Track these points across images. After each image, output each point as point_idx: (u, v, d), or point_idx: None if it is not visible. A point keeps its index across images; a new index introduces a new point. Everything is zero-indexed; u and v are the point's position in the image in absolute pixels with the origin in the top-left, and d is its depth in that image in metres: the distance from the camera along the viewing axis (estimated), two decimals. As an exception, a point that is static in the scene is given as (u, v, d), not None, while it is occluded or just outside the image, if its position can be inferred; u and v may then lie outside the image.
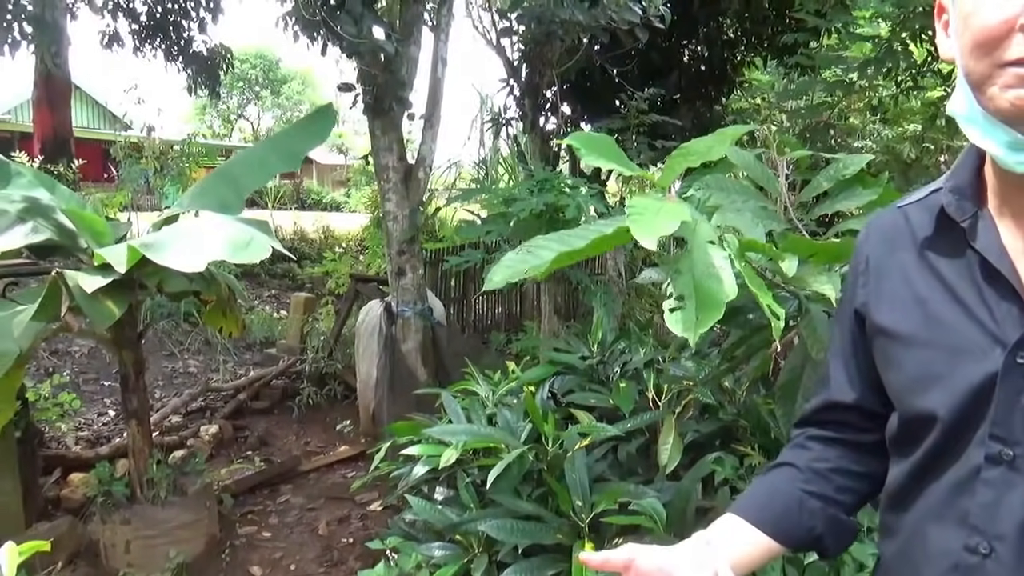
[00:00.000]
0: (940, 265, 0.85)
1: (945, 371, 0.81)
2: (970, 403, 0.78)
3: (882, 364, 0.92)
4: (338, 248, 10.88)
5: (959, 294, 0.82)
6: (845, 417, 1.01)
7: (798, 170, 2.37)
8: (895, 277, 0.90)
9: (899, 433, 0.90)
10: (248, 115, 34.02)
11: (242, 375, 6.26)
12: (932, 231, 0.86)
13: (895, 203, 0.97)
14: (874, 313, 0.92)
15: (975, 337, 0.79)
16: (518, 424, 2.46)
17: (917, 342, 0.85)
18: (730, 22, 6.74)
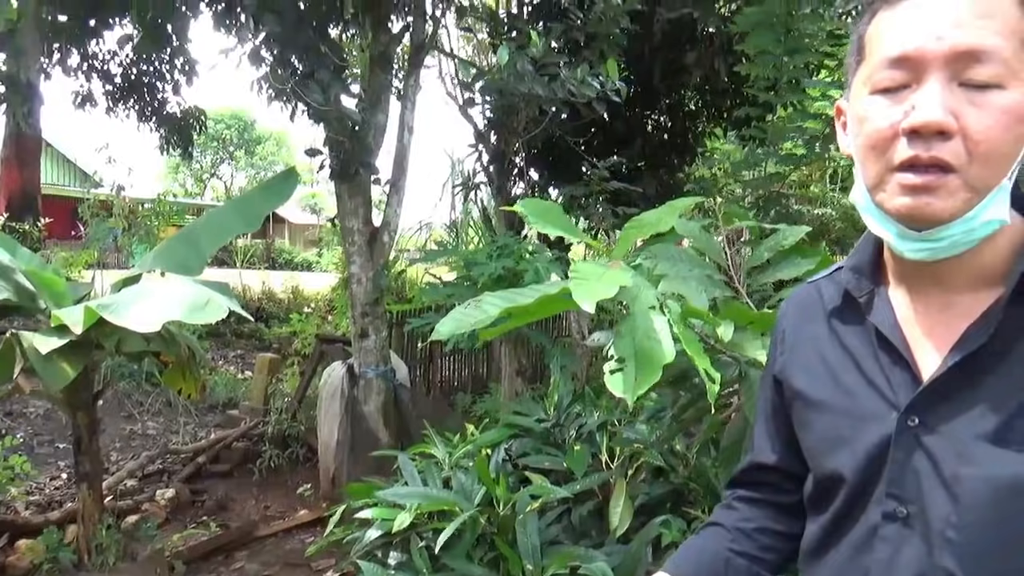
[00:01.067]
0: (845, 335, 0.92)
1: (850, 434, 0.87)
2: (870, 464, 0.84)
3: (798, 427, 0.98)
4: (306, 308, 10.84)
5: (861, 363, 0.89)
6: (768, 478, 1.07)
7: (750, 240, 2.47)
8: (808, 346, 0.97)
9: (813, 493, 0.96)
10: (221, 174, 34.14)
11: (203, 437, 6.17)
12: (838, 304, 0.94)
13: (809, 279, 1.05)
14: (791, 379, 0.99)
15: (874, 402, 0.85)
16: (473, 487, 2.46)
17: (826, 407, 0.92)
18: (691, 94, 7.03)
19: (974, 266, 0.80)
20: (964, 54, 0.72)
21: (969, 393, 0.77)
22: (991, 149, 0.72)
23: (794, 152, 4.68)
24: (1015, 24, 0.73)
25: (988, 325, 0.77)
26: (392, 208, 4.59)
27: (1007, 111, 0.72)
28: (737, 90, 6.56)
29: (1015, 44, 0.72)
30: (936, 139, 0.73)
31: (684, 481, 2.37)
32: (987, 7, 0.73)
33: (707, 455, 2.40)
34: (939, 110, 0.72)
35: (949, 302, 0.82)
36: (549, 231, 1.71)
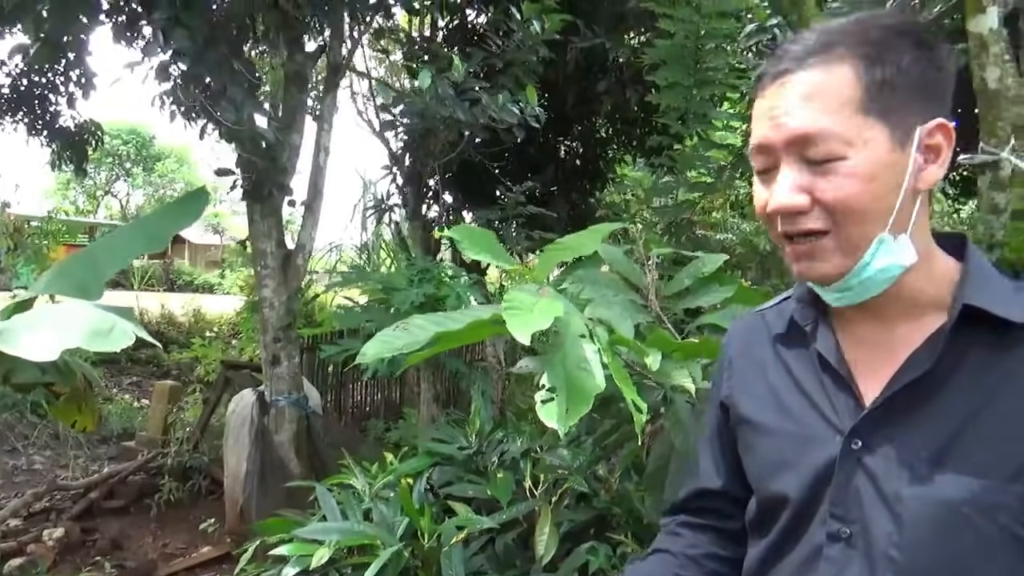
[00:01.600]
0: (790, 362, 0.96)
1: (794, 457, 0.90)
2: (814, 486, 0.87)
3: (743, 451, 1.01)
4: (209, 333, 10.42)
5: (805, 388, 0.92)
6: (714, 504, 1.09)
7: (664, 265, 2.52)
8: (754, 372, 1.00)
9: (756, 515, 0.97)
10: (117, 192, 32.50)
11: (95, 471, 5.79)
12: (783, 331, 0.98)
13: (754, 309, 1.09)
14: (737, 404, 1.02)
15: (819, 426, 0.88)
16: (395, 519, 2.40)
17: (771, 430, 0.94)
18: (602, 122, 7.20)
19: (909, 299, 0.85)
20: (798, 138, 0.80)
21: (911, 417, 0.81)
22: (848, 211, 0.79)
23: (702, 180, 4.86)
24: (847, 94, 0.78)
25: (931, 353, 0.81)
26: (307, 230, 4.47)
27: (851, 175, 0.78)
28: (646, 119, 6.77)
29: (847, 114, 0.78)
30: (797, 215, 0.81)
31: (607, 506, 2.39)
32: (813, 89, 0.79)
33: (629, 480, 2.42)
34: (785, 196, 0.81)
35: (889, 330, 0.87)
36: (482, 258, 1.70)
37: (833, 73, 0.79)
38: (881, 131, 0.78)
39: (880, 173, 0.78)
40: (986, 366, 0.79)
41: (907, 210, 0.80)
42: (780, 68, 0.82)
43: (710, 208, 8.17)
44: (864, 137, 0.78)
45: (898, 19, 0.83)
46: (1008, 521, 0.74)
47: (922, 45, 0.80)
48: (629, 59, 6.21)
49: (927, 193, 0.83)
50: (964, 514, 0.75)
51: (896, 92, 0.79)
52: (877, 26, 0.81)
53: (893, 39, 0.80)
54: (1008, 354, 0.78)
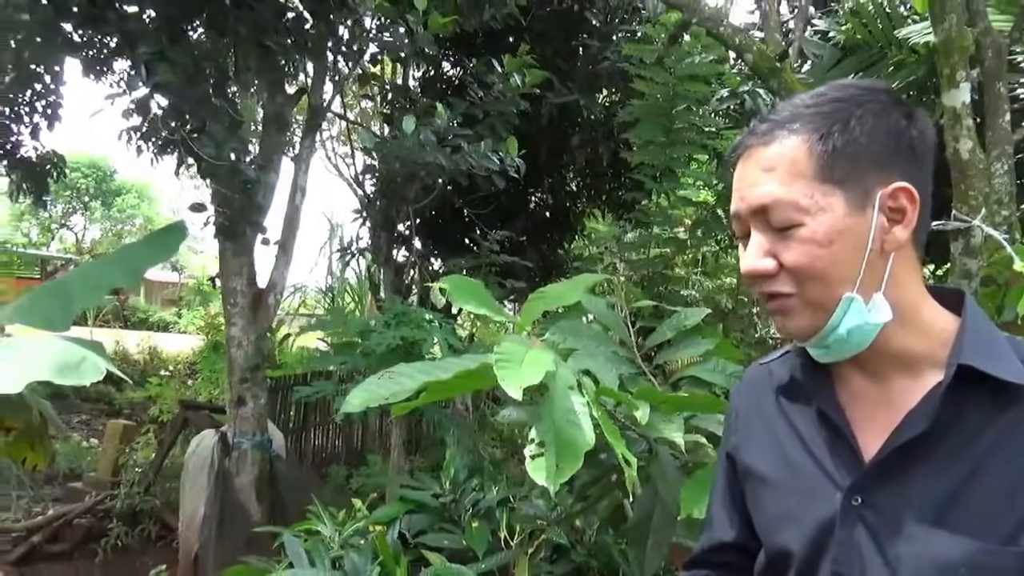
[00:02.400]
0: (793, 415, 0.97)
1: (798, 512, 0.90)
2: (817, 541, 0.87)
3: (750, 503, 1.02)
4: (164, 371, 10.15)
5: (807, 442, 0.93)
6: (729, 558, 1.08)
7: (642, 317, 2.55)
8: (760, 424, 1.01)
9: (765, 568, 0.98)
10: (73, 225, 31.78)
11: (38, 513, 5.53)
12: (787, 386, 0.99)
13: (762, 360, 1.10)
14: (743, 456, 1.03)
15: (820, 481, 0.89)
16: (366, 568, 2.33)
17: (776, 484, 0.95)
18: (573, 175, 7.33)
19: (899, 355, 0.87)
20: (758, 208, 0.86)
21: (909, 476, 0.82)
22: (807, 274, 0.83)
23: (674, 236, 4.97)
24: (800, 166, 0.83)
25: (927, 413, 0.82)
26: (279, 270, 4.42)
27: (808, 241, 0.83)
28: (616, 174, 6.92)
29: (803, 183, 0.83)
30: (765, 278, 0.86)
31: (585, 559, 2.36)
32: (770, 162, 0.85)
33: (607, 532, 2.40)
34: (753, 260, 0.86)
35: (886, 386, 0.88)
36: (472, 308, 1.70)
37: (787, 146, 0.84)
38: (838, 197, 0.82)
39: (837, 237, 0.82)
40: (983, 425, 0.80)
41: (877, 270, 0.83)
42: (746, 143, 0.89)
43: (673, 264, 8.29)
44: (820, 204, 0.82)
45: (858, 90, 0.86)
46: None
47: (882, 114, 0.84)
48: (602, 116, 6.37)
49: (909, 252, 0.86)
50: (961, 575, 0.76)
51: (851, 160, 0.82)
52: (833, 99, 0.86)
53: (849, 110, 0.84)
54: (1004, 414, 0.80)
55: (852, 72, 4.76)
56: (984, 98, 2.49)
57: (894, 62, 4.67)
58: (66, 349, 2.30)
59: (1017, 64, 4.09)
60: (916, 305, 0.87)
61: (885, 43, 4.63)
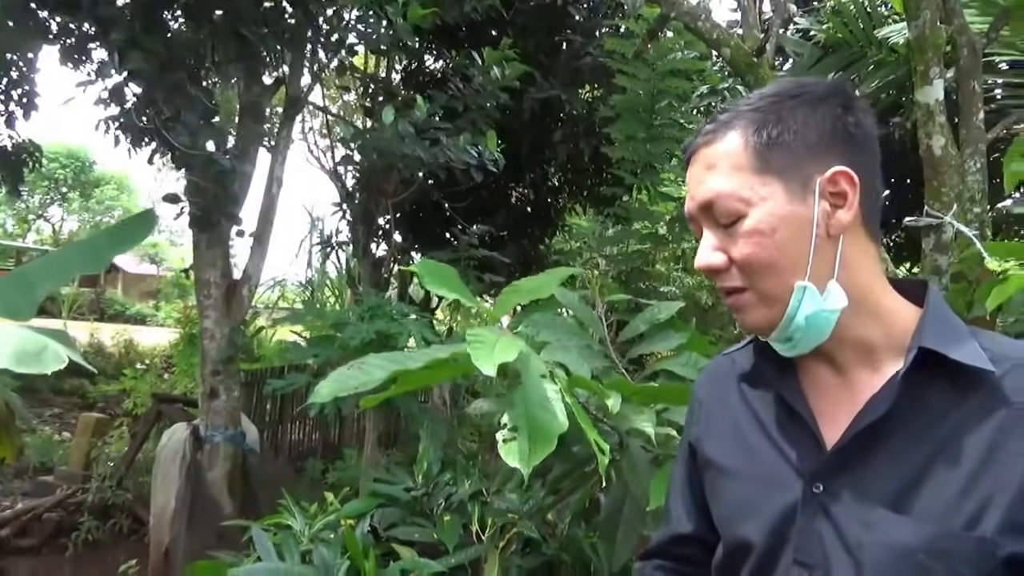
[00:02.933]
0: (756, 405, 0.96)
1: (758, 501, 0.89)
2: (778, 530, 0.86)
3: (710, 495, 1.00)
4: (140, 365, 10.03)
5: (769, 430, 0.92)
6: (686, 551, 1.07)
7: (616, 311, 2.54)
8: (722, 416, 1.00)
9: (723, 561, 0.96)
10: (50, 216, 31.34)
11: (7, 507, 5.44)
12: (749, 375, 0.98)
13: (725, 351, 1.09)
14: (704, 447, 1.01)
15: (782, 470, 0.88)
16: (335, 562, 2.31)
17: (737, 473, 0.94)
18: (554, 171, 7.32)
19: (858, 343, 0.87)
20: (704, 205, 0.88)
21: (870, 462, 0.81)
22: (755, 267, 0.85)
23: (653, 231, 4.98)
24: (738, 158, 0.85)
25: (886, 398, 0.81)
26: (254, 262, 4.37)
27: (752, 232, 0.84)
28: (598, 170, 6.91)
29: (742, 176, 0.85)
30: (719, 274, 0.88)
31: (556, 552, 2.35)
32: (711, 159, 0.87)
33: (579, 526, 2.39)
34: (705, 256, 0.88)
35: (847, 375, 0.88)
36: (444, 293, 1.68)
37: (727, 143, 0.86)
38: (777, 187, 0.84)
39: (780, 225, 0.83)
40: (944, 410, 0.80)
41: (828, 256, 0.84)
42: (693, 145, 0.91)
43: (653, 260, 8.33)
44: (761, 194, 0.84)
45: (795, 85, 0.89)
46: (963, 569, 0.73)
47: (817, 104, 0.86)
48: (583, 112, 6.36)
49: (860, 237, 0.87)
50: (921, 561, 0.75)
51: (787, 149, 0.84)
52: (771, 95, 0.88)
53: (784, 103, 0.86)
54: (964, 399, 0.79)
55: (832, 70, 4.77)
56: (959, 96, 2.50)
57: (874, 61, 4.69)
58: (26, 337, 2.25)
59: (993, 64, 4.12)
60: (875, 293, 0.87)
61: (865, 42, 4.65)
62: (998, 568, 0.73)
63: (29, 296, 3.01)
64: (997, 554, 0.73)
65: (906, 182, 5.41)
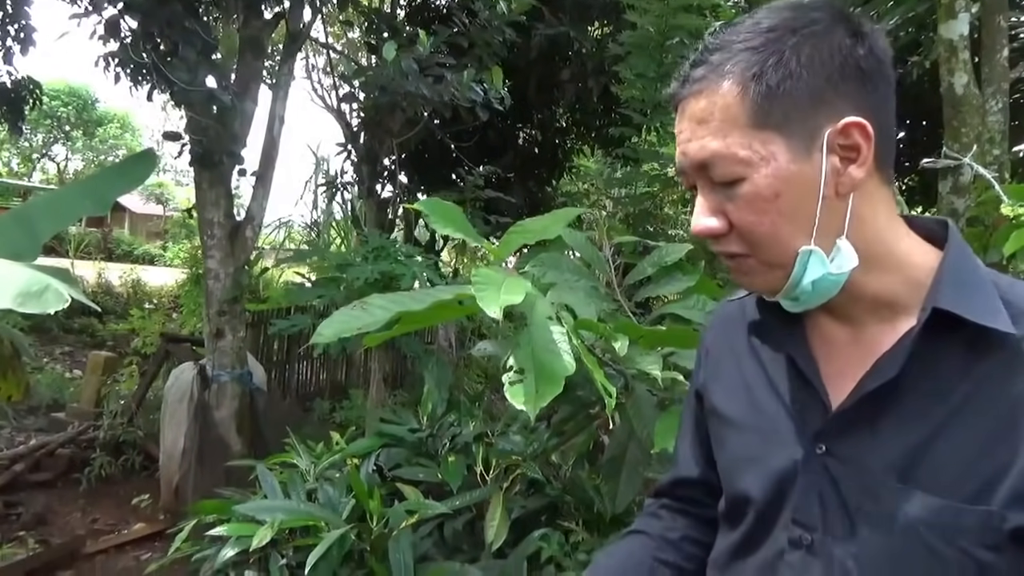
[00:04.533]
0: (763, 355, 0.92)
1: (760, 455, 0.86)
2: (778, 488, 0.83)
3: (715, 443, 0.98)
4: (148, 304, 10.09)
5: (776, 383, 0.88)
6: (692, 493, 1.06)
7: (623, 254, 2.50)
8: (729, 363, 0.97)
9: (726, 509, 0.94)
10: (55, 155, 31.16)
11: (21, 442, 5.53)
12: (757, 327, 0.93)
13: (735, 295, 1.04)
14: (710, 395, 0.98)
15: (785, 425, 0.85)
16: (341, 500, 2.33)
17: (740, 425, 0.91)
18: (562, 111, 7.18)
19: (872, 299, 0.80)
20: (698, 164, 0.78)
21: (876, 426, 0.77)
22: (757, 233, 0.77)
23: (662, 173, 4.88)
24: (735, 113, 0.75)
25: (897, 358, 0.76)
26: (257, 202, 4.33)
27: (754, 196, 0.75)
28: (607, 110, 6.77)
29: (739, 133, 0.75)
30: (717, 238, 0.80)
31: (559, 494, 2.36)
32: (702, 113, 0.76)
33: (582, 468, 2.41)
34: (702, 220, 0.80)
35: (859, 331, 0.82)
36: (449, 232, 1.65)
37: (718, 94, 0.75)
38: (779, 144, 0.74)
39: (784, 188, 0.74)
40: (959, 374, 0.74)
41: (837, 214, 0.76)
42: (679, 93, 0.80)
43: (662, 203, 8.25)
44: (761, 154, 0.74)
45: (792, 13, 0.76)
46: (966, 544, 0.70)
47: (822, 36, 0.74)
48: (592, 50, 6.19)
49: (875, 187, 0.78)
50: (921, 533, 0.72)
51: (789, 99, 0.73)
52: (767, 28, 0.75)
53: (784, 39, 0.74)
54: (982, 361, 0.73)
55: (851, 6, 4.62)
56: (982, 32, 2.40)
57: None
58: (29, 277, 2.24)
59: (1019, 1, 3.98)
60: (888, 243, 0.79)
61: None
62: (1004, 542, 0.69)
63: (32, 236, 3.01)
64: (1003, 528, 0.69)
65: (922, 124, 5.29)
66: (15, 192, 21.69)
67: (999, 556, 0.69)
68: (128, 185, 3.17)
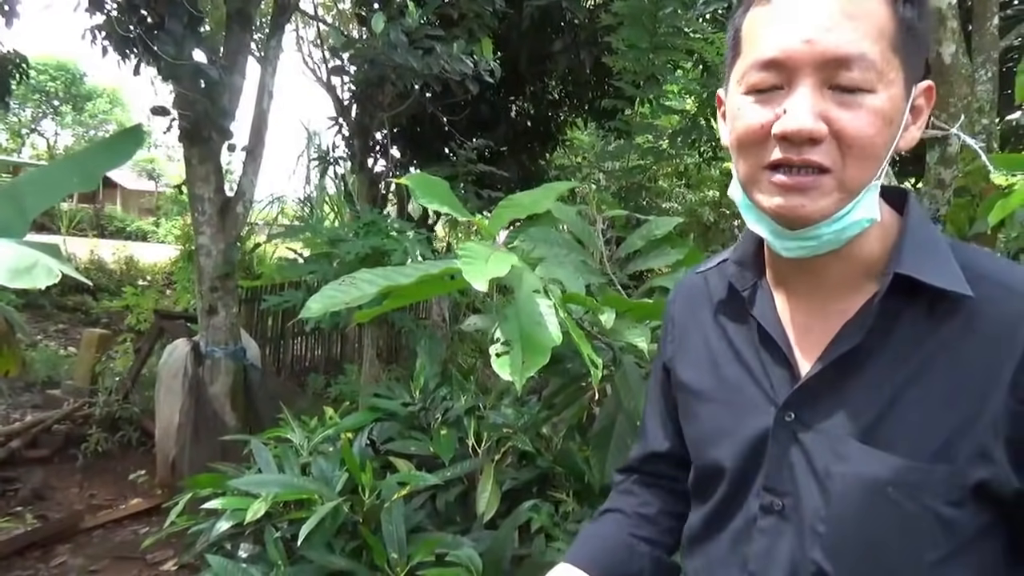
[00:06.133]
0: (729, 328, 0.93)
1: (730, 426, 0.88)
2: (749, 457, 0.85)
3: (683, 417, 0.99)
4: (141, 281, 10.07)
5: (743, 356, 0.89)
6: (661, 467, 1.08)
7: (614, 227, 2.51)
8: (695, 336, 0.98)
9: (696, 482, 0.96)
10: (43, 130, 30.86)
11: (16, 419, 5.56)
12: (724, 297, 0.94)
13: (696, 267, 1.05)
14: (678, 369, 0.99)
15: (754, 396, 0.86)
16: (334, 474, 2.35)
17: (709, 398, 0.92)
18: (555, 83, 7.12)
19: (850, 262, 0.81)
20: (833, 60, 0.71)
21: (843, 392, 0.79)
22: (863, 150, 0.73)
23: (655, 146, 4.87)
24: (883, 24, 0.72)
25: (862, 325, 0.78)
26: (248, 177, 4.30)
27: (876, 113, 0.72)
28: (599, 82, 6.72)
29: (883, 46, 0.72)
30: (807, 143, 0.73)
31: (550, 465, 2.39)
32: (855, 8, 0.72)
33: (573, 439, 2.42)
34: (808, 118, 0.72)
35: (827, 298, 0.83)
36: (436, 207, 1.64)
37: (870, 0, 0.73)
38: (900, 75, 0.74)
39: (895, 117, 0.74)
40: (920, 338, 0.76)
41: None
42: None
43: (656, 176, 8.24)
44: (890, 76, 0.73)
45: None
46: (931, 501, 0.72)
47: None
48: (585, 20, 6.13)
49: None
50: (888, 493, 0.73)
51: (918, 38, 0.75)
52: None
53: None
54: (940, 325, 0.75)
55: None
56: (973, 1, 2.39)
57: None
58: (18, 253, 2.23)
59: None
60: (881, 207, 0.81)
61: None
62: (967, 498, 0.72)
63: (20, 213, 2.98)
64: (966, 484, 0.72)
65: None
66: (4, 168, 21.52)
67: (962, 511, 0.72)
68: (117, 160, 3.13)
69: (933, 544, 0.73)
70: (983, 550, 0.74)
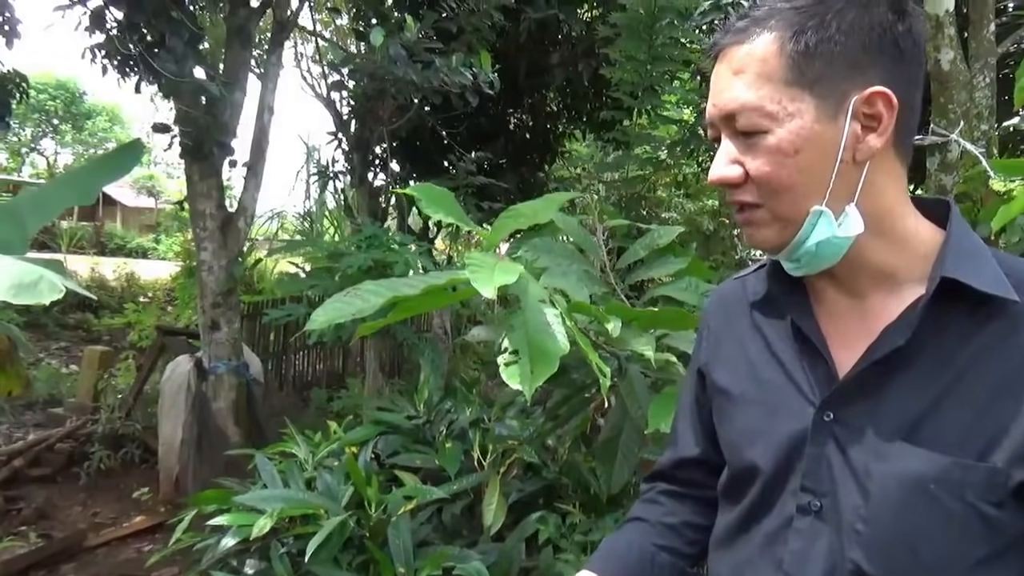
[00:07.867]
0: (766, 329, 0.93)
1: (767, 427, 0.88)
2: (786, 457, 0.85)
3: (718, 420, 0.99)
4: (143, 298, 10.07)
5: (780, 357, 0.90)
6: (692, 474, 1.07)
7: (615, 237, 2.51)
8: (732, 341, 0.98)
9: (728, 485, 0.96)
10: (43, 149, 30.92)
11: (19, 438, 5.54)
12: (761, 300, 0.95)
13: (736, 275, 1.06)
14: (713, 373, 1.00)
15: (792, 396, 0.86)
16: (339, 488, 2.34)
17: (745, 400, 0.93)
18: (553, 95, 7.16)
19: (877, 269, 0.83)
20: (726, 115, 0.81)
21: (884, 392, 0.79)
22: (770, 184, 0.79)
23: (653, 156, 4.89)
24: (769, 67, 0.78)
25: (906, 327, 0.78)
26: (249, 192, 4.31)
27: (773, 150, 0.78)
28: (597, 94, 6.75)
29: (769, 88, 0.78)
30: (731, 187, 0.82)
31: (556, 476, 2.38)
32: (739, 63, 0.79)
33: (578, 450, 2.42)
34: (719, 168, 0.83)
35: (862, 301, 0.85)
36: (441, 217, 1.65)
37: (757, 45, 0.78)
38: (807, 103, 0.77)
39: (804, 146, 0.77)
40: (962, 341, 0.77)
41: (851, 180, 0.78)
42: (719, 43, 0.83)
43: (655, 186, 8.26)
44: (788, 110, 0.77)
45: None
46: (974, 499, 0.73)
47: (866, 7, 0.77)
48: (582, 33, 6.17)
49: (890, 160, 0.81)
50: (931, 491, 0.74)
51: (825, 60, 0.76)
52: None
53: (829, 4, 0.77)
54: (984, 328, 0.76)
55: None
56: (969, 7, 2.40)
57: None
58: (21, 269, 2.23)
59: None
60: (895, 216, 0.82)
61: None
62: (1007, 498, 0.72)
63: (20, 230, 2.99)
64: (1007, 484, 0.72)
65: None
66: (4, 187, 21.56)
67: (1002, 511, 0.73)
68: (115, 175, 3.14)
69: (974, 543, 0.73)
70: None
